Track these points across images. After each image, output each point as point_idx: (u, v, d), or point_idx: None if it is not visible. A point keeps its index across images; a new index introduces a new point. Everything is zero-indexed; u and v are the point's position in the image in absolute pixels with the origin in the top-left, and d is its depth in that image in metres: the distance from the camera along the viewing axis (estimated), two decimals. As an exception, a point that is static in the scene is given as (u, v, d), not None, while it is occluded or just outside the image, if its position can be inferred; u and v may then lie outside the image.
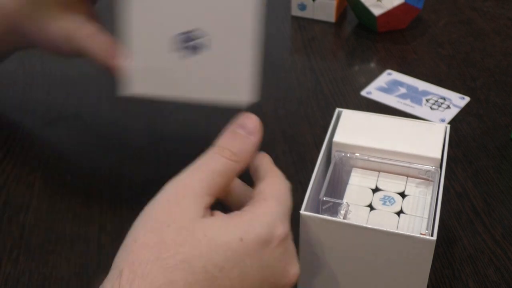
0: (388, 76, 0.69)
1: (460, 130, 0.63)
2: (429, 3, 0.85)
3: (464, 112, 0.65)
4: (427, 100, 0.64)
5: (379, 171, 0.46)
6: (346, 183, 0.45)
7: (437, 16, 0.82)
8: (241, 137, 0.39)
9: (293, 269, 0.38)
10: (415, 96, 0.66)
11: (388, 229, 0.39)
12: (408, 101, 0.65)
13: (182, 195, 0.36)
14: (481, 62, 0.73)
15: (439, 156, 0.44)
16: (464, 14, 0.82)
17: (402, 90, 0.67)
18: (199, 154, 0.38)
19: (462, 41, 0.77)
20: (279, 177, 0.40)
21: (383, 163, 0.45)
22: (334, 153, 0.46)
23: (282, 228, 0.37)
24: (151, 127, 0.63)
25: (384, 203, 0.43)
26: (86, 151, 0.61)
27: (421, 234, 0.39)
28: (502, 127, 0.63)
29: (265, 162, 0.41)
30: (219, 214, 0.37)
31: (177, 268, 0.33)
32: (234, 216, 0.36)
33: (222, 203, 0.40)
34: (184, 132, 0.62)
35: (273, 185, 0.39)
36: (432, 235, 0.39)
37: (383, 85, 0.67)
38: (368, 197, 0.44)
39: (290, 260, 0.38)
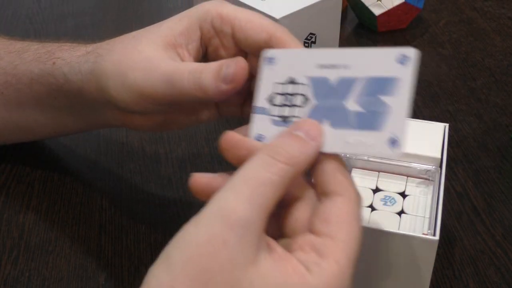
0: None
1: (460, 130, 0.63)
2: (430, 2, 0.84)
3: (464, 113, 0.65)
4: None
5: (378, 171, 0.46)
6: (347, 183, 0.45)
7: (438, 16, 0.82)
8: (301, 139, 0.33)
9: None
10: None
11: (390, 229, 0.39)
12: None
13: (229, 229, 0.30)
14: (481, 62, 0.73)
15: (439, 156, 0.44)
16: (464, 13, 0.82)
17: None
18: (198, 153, 0.38)
19: (463, 41, 0.77)
20: (353, 203, 0.33)
21: (382, 163, 0.45)
22: (335, 153, 0.46)
23: None
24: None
25: (385, 203, 0.43)
26: (86, 151, 0.60)
27: (423, 234, 0.39)
28: (502, 127, 0.63)
29: (333, 168, 0.33)
30: (276, 259, 0.31)
31: None
32: (294, 277, 0.30)
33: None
34: (184, 132, 0.62)
35: (348, 225, 0.32)
36: (434, 235, 0.39)
37: None
38: (369, 197, 0.44)
39: None
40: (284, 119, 0.36)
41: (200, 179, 0.35)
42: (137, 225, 0.53)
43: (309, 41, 0.66)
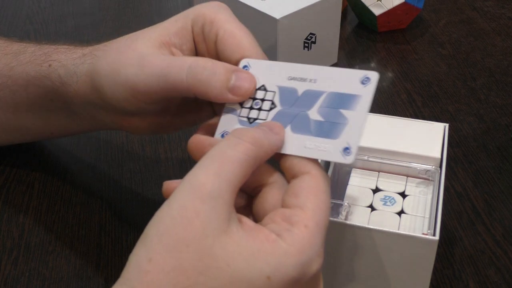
0: None
1: (460, 130, 0.63)
2: (430, 2, 0.84)
3: (464, 113, 0.65)
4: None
5: (378, 171, 0.46)
6: (346, 183, 0.45)
7: (438, 16, 0.82)
8: (265, 130, 0.36)
9: None
10: None
11: (390, 230, 0.39)
12: None
13: (200, 201, 0.31)
14: (481, 62, 0.73)
15: (439, 155, 0.44)
16: (464, 13, 0.82)
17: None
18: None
19: (463, 41, 0.77)
20: (320, 178, 0.34)
21: (382, 163, 0.45)
22: (335, 153, 0.46)
23: (317, 264, 0.33)
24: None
25: (385, 203, 0.43)
26: (86, 151, 0.60)
27: (423, 234, 0.39)
28: (502, 127, 0.63)
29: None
30: (247, 229, 0.32)
31: None
32: (266, 243, 0.32)
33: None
34: (184, 132, 0.62)
35: (316, 196, 0.34)
36: (434, 235, 0.39)
37: None
38: (369, 197, 0.44)
39: None
40: (250, 121, 0.39)
41: (171, 185, 0.36)
42: (137, 225, 0.53)
43: (309, 41, 0.66)
